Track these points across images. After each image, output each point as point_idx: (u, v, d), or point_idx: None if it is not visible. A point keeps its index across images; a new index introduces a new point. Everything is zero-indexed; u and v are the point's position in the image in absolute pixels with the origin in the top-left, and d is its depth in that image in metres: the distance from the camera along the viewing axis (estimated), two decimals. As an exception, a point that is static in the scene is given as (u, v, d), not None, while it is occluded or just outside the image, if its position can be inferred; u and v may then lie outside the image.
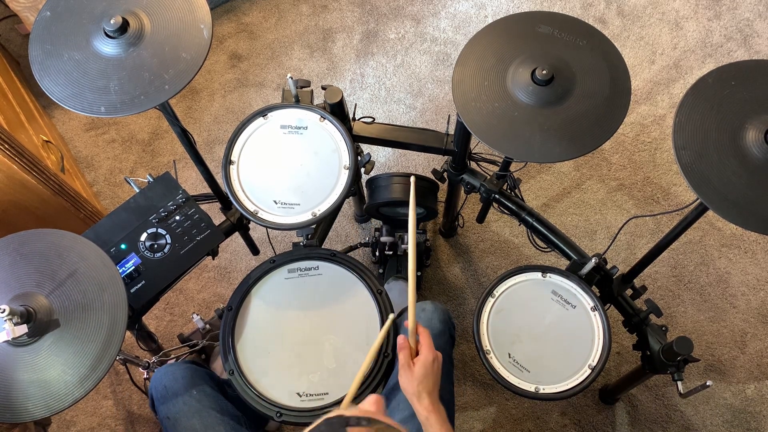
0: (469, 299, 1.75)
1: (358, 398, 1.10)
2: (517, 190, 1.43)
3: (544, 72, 1.06)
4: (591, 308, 1.23)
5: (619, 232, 1.57)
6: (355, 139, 1.37)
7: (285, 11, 2.18)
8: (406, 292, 1.66)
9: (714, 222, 1.82)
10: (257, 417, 1.26)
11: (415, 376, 0.97)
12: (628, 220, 1.62)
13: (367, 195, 1.64)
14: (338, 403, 1.10)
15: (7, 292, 0.96)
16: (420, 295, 1.75)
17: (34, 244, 1.01)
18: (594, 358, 1.18)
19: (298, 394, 1.11)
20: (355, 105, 1.47)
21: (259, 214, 1.15)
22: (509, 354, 1.19)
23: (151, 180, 1.26)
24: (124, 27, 0.99)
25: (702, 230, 1.81)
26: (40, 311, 0.94)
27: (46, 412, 0.91)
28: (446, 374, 1.15)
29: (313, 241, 1.30)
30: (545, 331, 1.21)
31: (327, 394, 1.11)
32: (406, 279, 1.68)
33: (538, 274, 1.27)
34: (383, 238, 1.63)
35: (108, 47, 1.00)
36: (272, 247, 1.68)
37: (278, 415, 1.09)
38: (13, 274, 0.98)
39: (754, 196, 0.94)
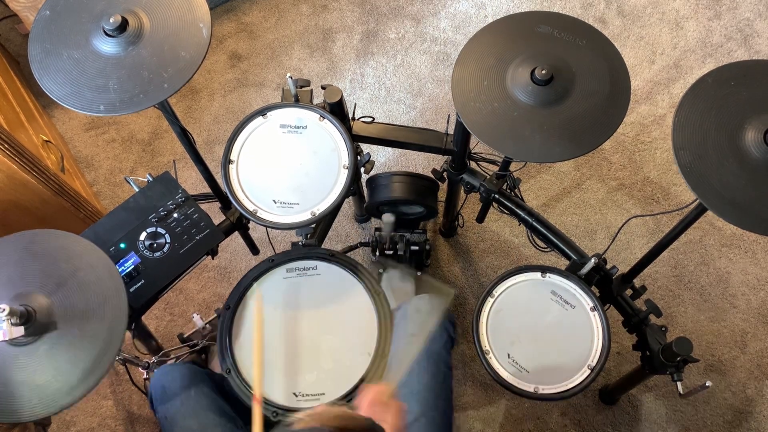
0: (469, 299, 1.75)
1: (351, 400, 1.10)
2: (516, 190, 1.43)
3: (544, 72, 1.06)
4: (590, 308, 1.23)
5: (618, 231, 1.57)
6: (354, 139, 1.37)
7: (285, 11, 2.18)
8: (403, 280, 1.66)
9: (714, 222, 1.82)
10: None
11: None
12: (627, 220, 1.61)
13: (367, 194, 1.64)
14: (335, 403, 1.10)
15: (10, 289, 0.96)
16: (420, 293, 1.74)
17: (43, 244, 1.01)
18: (593, 358, 1.18)
19: (295, 394, 1.11)
20: (355, 105, 1.47)
21: (258, 214, 1.15)
22: (509, 354, 1.19)
23: (150, 180, 1.26)
24: (123, 26, 0.99)
25: (702, 230, 1.81)
26: (40, 311, 0.94)
27: (46, 411, 0.91)
28: (443, 382, 1.13)
29: (312, 240, 1.30)
30: (545, 332, 1.21)
31: (323, 394, 1.11)
32: (406, 267, 1.67)
33: (538, 274, 1.26)
34: (385, 217, 1.60)
35: (107, 46, 1.00)
36: (272, 247, 1.68)
37: (274, 414, 1.09)
38: (20, 271, 0.98)
39: (754, 197, 0.94)
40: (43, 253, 1.00)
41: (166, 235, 1.21)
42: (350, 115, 1.38)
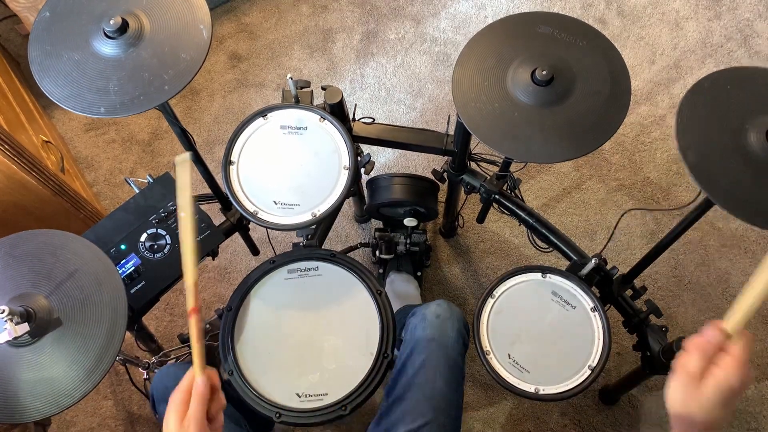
0: (469, 299, 1.75)
1: (353, 401, 1.10)
2: (517, 191, 1.43)
3: (544, 72, 1.06)
4: (591, 309, 1.23)
5: (616, 226, 1.56)
6: (355, 140, 1.37)
7: (285, 11, 2.18)
8: (407, 282, 1.66)
9: (714, 222, 1.82)
10: (258, 419, 1.26)
11: (701, 398, 0.64)
12: (623, 213, 1.60)
13: (367, 195, 1.64)
14: (338, 403, 1.10)
15: (4, 295, 0.95)
16: (421, 295, 1.75)
17: (25, 246, 1.01)
18: (594, 358, 1.18)
19: (298, 394, 1.11)
20: (355, 105, 1.47)
21: (258, 215, 1.15)
22: (509, 354, 1.19)
23: (151, 180, 1.26)
24: (123, 27, 0.99)
25: (702, 230, 1.81)
26: (39, 311, 0.94)
27: (48, 411, 0.91)
28: (456, 389, 1.13)
29: (313, 241, 1.30)
30: (545, 332, 1.21)
31: (326, 394, 1.11)
32: (407, 272, 1.68)
33: (538, 275, 1.26)
34: (383, 256, 1.63)
35: (107, 48, 1.00)
36: (272, 248, 1.68)
37: (277, 415, 1.09)
38: (8, 276, 0.98)
39: (760, 193, 0.94)
40: (29, 254, 1.00)
41: (167, 237, 1.21)
42: (351, 116, 1.38)
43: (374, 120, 1.40)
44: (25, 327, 0.91)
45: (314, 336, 1.16)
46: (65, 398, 0.91)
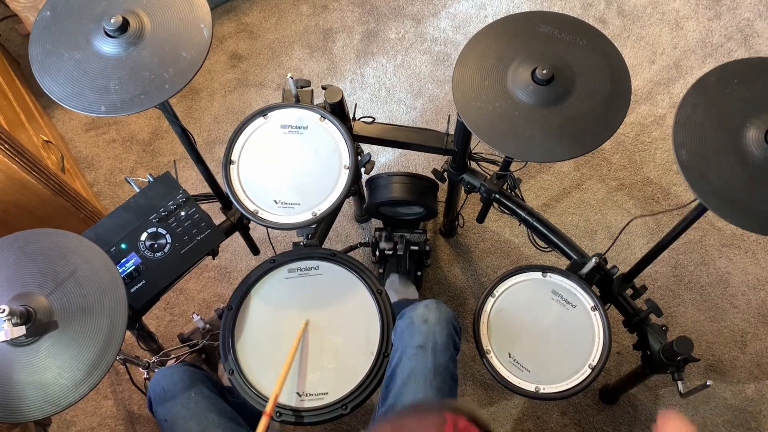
0: (469, 299, 1.75)
1: (354, 400, 1.10)
2: (517, 190, 1.43)
3: (545, 72, 1.06)
4: (591, 308, 1.23)
5: (620, 233, 1.56)
6: (355, 139, 1.37)
7: (285, 11, 2.18)
8: (407, 283, 1.66)
9: (714, 222, 1.82)
10: (258, 418, 1.25)
11: None
12: (630, 221, 1.61)
13: (366, 194, 1.64)
14: (338, 402, 1.10)
15: (9, 291, 0.95)
16: (420, 295, 1.75)
17: (38, 244, 1.01)
18: (594, 357, 1.18)
19: (298, 393, 1.11)
20: (356, 105, 1.47)
21: (259, 214, 1.15)
22: (509, 354, 1.19)
23: (151, 180, 1.26)
24: (124, 26, 0.99)
25: (702, 230, 1.81)
26: (40, 311, 0.94)
27: (48, 411, 0.91)
28: (448, 395, 1.09)
29: (313, 240, 1.30)
30: (545, 331, 1.21)
31: (326, 393, 1.11)
32: (406, 273, 1.68)
33: (539, 274, 1.27)
34: (382, 245, 1.63)
35: (108, 46, 1.00)
36: (272, 247, 1.68)
37: (278, 414, 1.09)
38: (17, 272, 0.98)
39: (754, 196, 0.94)
40: (40, 253, 1.00)
41: (167, 236, 1.21)
42: (351, 116, 1.38)
43: (374, 119, 1.40)
44: (22, 330, 0.91)
45: (314, 335, 1.17)
46: (67, 397, 0.91)
